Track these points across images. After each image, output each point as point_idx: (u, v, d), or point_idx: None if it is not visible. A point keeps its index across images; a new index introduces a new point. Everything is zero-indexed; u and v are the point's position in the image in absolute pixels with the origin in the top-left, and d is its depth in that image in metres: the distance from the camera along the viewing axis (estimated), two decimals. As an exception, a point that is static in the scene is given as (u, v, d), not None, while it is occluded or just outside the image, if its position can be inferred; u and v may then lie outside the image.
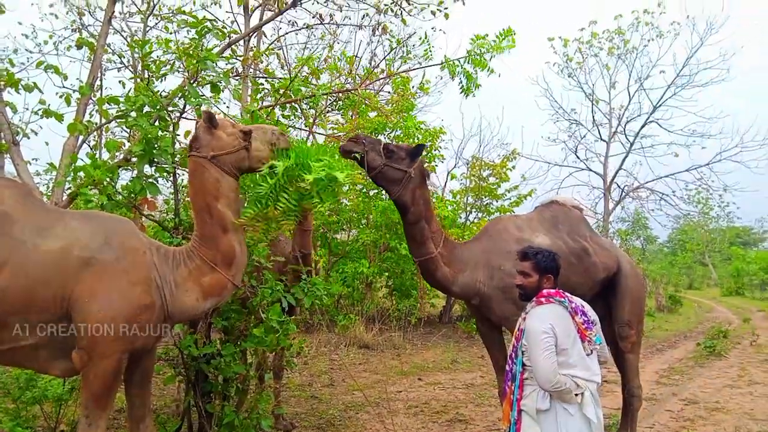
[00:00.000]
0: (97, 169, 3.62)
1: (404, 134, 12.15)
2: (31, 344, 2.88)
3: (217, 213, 3.20)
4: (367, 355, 9.53)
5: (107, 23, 6.35)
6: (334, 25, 9.77)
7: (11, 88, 6.93)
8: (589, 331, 2.68)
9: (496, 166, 13.49)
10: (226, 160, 3.20)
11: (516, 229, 4.36)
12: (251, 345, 4.09)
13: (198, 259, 3.21)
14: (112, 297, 2.88)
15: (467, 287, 4.20)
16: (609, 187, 18.14)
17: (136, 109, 3.70)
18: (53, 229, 2.91)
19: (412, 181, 3.99)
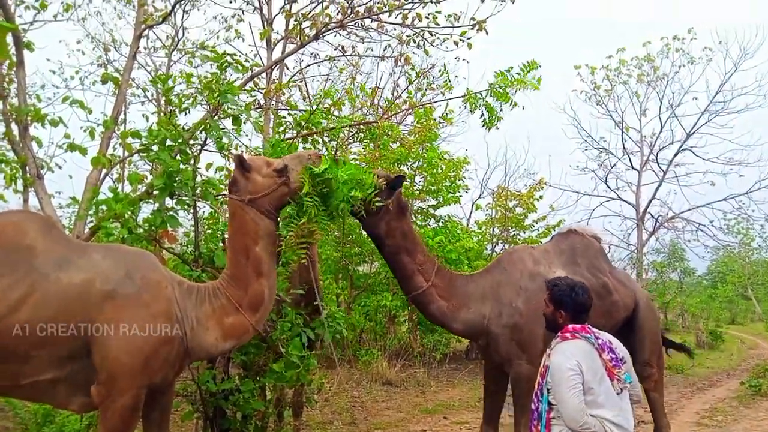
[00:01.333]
0: (119, 203, 3.73)
1: (427, 164, 12.23)
2: (50, 379, 2.94)
3: (253, 255, 3.26)
4: (390, 392, 9.42)
5: (132, 58, 6.63)
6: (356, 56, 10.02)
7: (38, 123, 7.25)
8: (617, 369, 2.62)
9: (522, 196, 13.45)
10: (264, 202, 3.29)
11: (532, 261, 4.20)
12: (270, 381, 4.10)
13: (224, 298, 3.26)
14: (132, 331, 2.94)
15: (472, 324, 4.00)
16: (642, 218, 17.88)
17: (158, 142, 3.83)
18: (76, 262, 3.00)
19: (387, 214, 3.88)
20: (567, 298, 2.78)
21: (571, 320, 2.76)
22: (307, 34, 7.14)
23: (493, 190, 13.99)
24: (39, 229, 3.05)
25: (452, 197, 12.24)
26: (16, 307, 2.80)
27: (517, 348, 3.91)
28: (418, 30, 7.12)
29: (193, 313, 3.16)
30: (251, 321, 3.23)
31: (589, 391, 2.57)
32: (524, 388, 3.93)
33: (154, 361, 2.98)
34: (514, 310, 3.94)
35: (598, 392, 2.58)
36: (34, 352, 2.84)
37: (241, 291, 3.24)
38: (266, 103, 8.26)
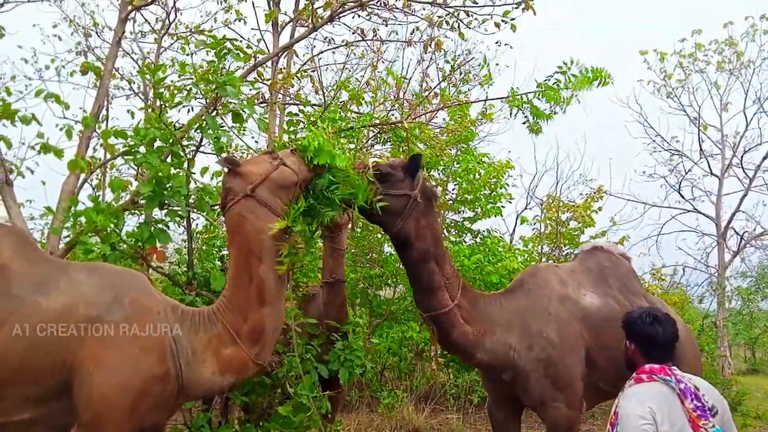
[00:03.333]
0: (100, 214, 3.78)
1: (462, 169, 12.21)
2: (26, 419, 2.98)
3: (257, 278, 3.28)
4: (418, 443, 9.36)
5: (116, 45, 6.75)
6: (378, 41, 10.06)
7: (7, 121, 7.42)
8: (704, 420, 2.55)
9: (577, 208, 13.35)
10: (268, 186, 3.31)
11: (559, 283, 4.15)
12: (276, 427, 4.09)
13: (220, 326, 3.28)
14: (119, 365, 2.97)
15: (497, 355, 3.92)
16: (724, 234, 17.56)
17: (145, 143, 3.87)
18: (55, 283, 3.04)
19: (416, 208, 3.76)
20: (633, 326, 2.74)
21: (642, 356, 2.72)
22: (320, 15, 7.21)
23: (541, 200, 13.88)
24: (11, 245, 3.11)
25: (492, 208, 12.17)
26: None
27: (552, 388, 3.85)
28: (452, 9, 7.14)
29: (188, 344, 3.18)
30: (249, 354, 3.23)
31: (663, 444, 2.51)
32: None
33: (145, 401, 3.00)
34: (546, 341, 3.89)
35: (676, 447, 2.52)
36: (6, 389, 2.88)
37: (240, 318, 3.25)
38: (272, 97, 8.34)
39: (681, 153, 18.13)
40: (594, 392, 4.01)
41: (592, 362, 3.97)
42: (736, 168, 17.78)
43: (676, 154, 18.17)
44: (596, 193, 13.71)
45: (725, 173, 17.74)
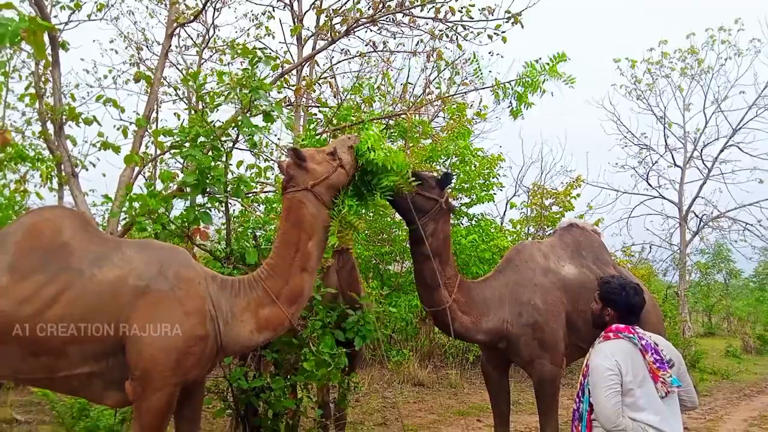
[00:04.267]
0: (153, 199, 3.81)
1: (459, 161, 12.15)
2: (85, 373, 3.02)
3: (304, 250, 3.30)
4: (422, 393, 9.41)
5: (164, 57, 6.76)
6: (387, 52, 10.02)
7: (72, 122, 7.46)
8: (662, 371, 2.56)
9: (559, 194, 13.27)
10: (326, 185, 3.34)
11: (542, 257, 4.16)
12: (301, 379, 4.13)
13: (261, 290, 3.29)
14: (166, 328, 2.99)
15: (494, 332, 3.95)
16: (685, 217, 17.42)
17: (189, 139, 3.89)
18: (110, 258, 3.07)
19: (440, 213, 3.86)
20: (616, 296, 2.73)
21: (618, 319, 2.72)
22: (337, 30, 7.18)
23: (528, 188, 13.81)
24: (74, 226, 3.14)
25: (486, 195, 12.13)
26: (51, 303, 2.88)
27: (538, 348, 3.87)
28: (451, 24, 7.10)
29: (227, 307, 3.20)
30: (287, 313, 3.25)
31: (628, 393, 2.52)
32: (549, 390, 3.90)
33: (188, 359, 3.02)
34: (533, 308, 3.91)
35: (639, 395, 2.52)
36: (68, 347, 2.92)
37: (281, 282, 3.27)
38: (297, 100, 8.32)
39: (649, 147, 17.97)
40: (573, 350, 4.03)
41: (571, 324, 3.97)
42: (697, 160, 17.61)
43: (644, 148, 18.00)
44: (575, 181, 13.59)
45: (687, 164, 17.55)
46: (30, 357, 2.91)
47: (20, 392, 7.46)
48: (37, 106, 7.93)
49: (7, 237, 3.05)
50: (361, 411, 7.96)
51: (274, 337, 3.42)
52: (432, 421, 7.67)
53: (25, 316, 2.84)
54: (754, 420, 8.07)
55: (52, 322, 2.86)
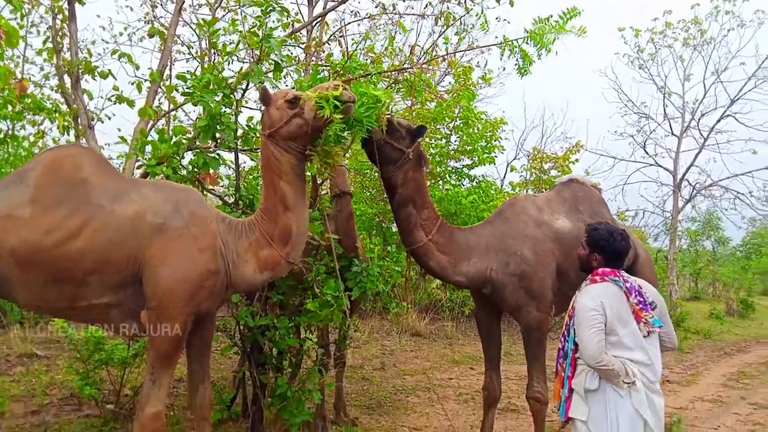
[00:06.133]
0: (164, 143, 3.80)
1: (463, 124, 12.05)
2: (104, 303, 3.07)
3: (279, 190, 3.28)
4: (419, 343, 9.57)
5: (177, 13, 6.65)
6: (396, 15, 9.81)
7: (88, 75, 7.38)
8: (644, 312, 2.59)
9: (558, 159, 13.20)
10: (281, 135, 3.24)
11: (535, 210, 4.12)
12: (305, 320, 4.17)
13: (258, 232, 3.31)
14: (181, 262, 3.02)
15: (475, 276, 3.94)
16: (679, 185, 17.32)
17: (201, 86, 3.84)
18: (128, 195, 3.09)
19: (407, 163, 3.82)
20: (604, 242, 2.73)
21: (605, 264, 2.73)
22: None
23: (528, 152, 13.71)
24: (92, 163, 3.14)
25: (487, 157, 12.06)
26: (74, 234, 2.91)
27: (526, 296, 3.87)
28: (460, -15, 6.92)
29: (233, 247, 3.24)
30: (281, 253, 3.27)
31: (612, 332, 2.55)
32: (535, 336, 3.92)
33: (201, 291, 3.07)
34: (521, 258, 3.89)
35: (623, 334, 2.56)
36: (89, 277, 2.96)
37: (272, 224, 3.27)
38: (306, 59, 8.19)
39: (647, 116, 17.75)
40: (564, 299, 4.04)
41: (562, 275, 3.98)
42: (693, 129, 17.42)
43: (643, 116, 17.80)
44: (575, 147, 13.50)
45: (684, 134, 17.37)
46: (53, 286, 2.95)
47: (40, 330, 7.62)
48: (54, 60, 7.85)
49: (28, 172, 3.06)
50: (360, 356, 8.11)
51: (275, 276, 3.44)
52: (427, 367, 7.82)
53: (48, 246, 2.87)
54: (732, 375, 8.20)
55: (74, 252, 2.89)
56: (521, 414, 5.78)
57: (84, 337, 4.57)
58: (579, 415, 2.59)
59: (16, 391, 5.25)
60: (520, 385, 6.96)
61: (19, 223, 2.90)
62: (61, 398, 5.17)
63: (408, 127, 3.86)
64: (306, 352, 4.54)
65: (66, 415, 4.76)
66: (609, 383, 2.54)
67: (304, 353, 4.52)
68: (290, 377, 4.41)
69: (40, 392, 5.20)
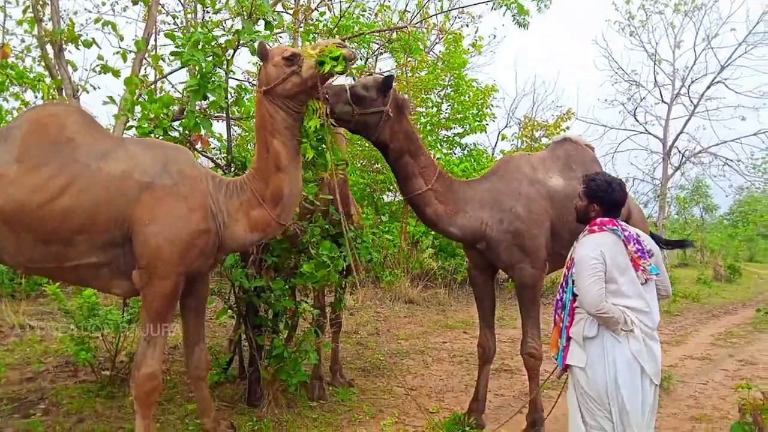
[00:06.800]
0: (153, 104, 3.71)
1: (454, 91, 11.95)
2: (94, 263, 3.02)
3: (272, 149, 3.21)
4: (412, 309, 9.63)
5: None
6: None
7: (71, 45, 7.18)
8: (642, 260, 2.59)
9: (549, 127, 13.18)
10: (277, 93, 3.17)
11: (530, 168, 4.10)
12: (301, 282, 4.16)
13: (249, 192, 3.26)
14: (171, 221, 2.98)
15: (469, 229, 3.91)
16: (669, 152, 17.37)
17: (191, 44, 3.74)
18: (115, 153, 3.02)
19: (389, 120, 3.72)
20: (602, 193, 2.72)
21: (603, 214, 2.72)
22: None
23: (519, 120, 13.65)
24: (78, 122, 3.07)
25: (478, 125, 12.00)
26: (60, 193, 2.85)
27: (520, 253, 3.87)
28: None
29: (224, 207, 3.19)
30: (272, 214, 3.22)
31: (611, 281, 2.56)
32: (529, 293, 3.93)
33: (192, 250, 3.03)
34: (515, 216, 3.88)
35: (622, 282, 2.57)
36: (76, 236, 2.91)
37: (263, 184, 3.22)
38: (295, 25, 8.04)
39: (638, 83, 17.69)
40: (556, 258, 4.05)
41: (555, 233, 3.98)
42: (683, 96, 17.39)
43: (633, 84, 17.73)
44: (565, 114, 13.47)
45: (674, 101, 17.35)
46: (41, 245, 2.91)
47: (32, 301, 7.58)
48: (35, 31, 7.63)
49: (12, 130, 2.98)
50: (355, 323, 8.15)
51: (265, 237, 3.40)
52: (421, 332, 7.88)
53: (35, 204, 2.82)
54: (720, 335, 8.35)
55: (61, 211, 2.84)
56: (515, 374, 5.85)
57: (78, 303, 4.54)
58: (577, 362, 2.61)
59: (10, 360, 5.23)
60: (513, 347, 7.03)
61: (5, 182, 2.84)
62: (56, 365, 5.16)
63: (375, 86, 3.72)
64: (302, 314, 4.53)
65: (62, 381, 4.75)
66: (607, 330, 2.56)
67: (299, 315, 4.51)
68: (286, 339, 4.43)
69: (35, 360, 5.18)
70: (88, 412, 4.08)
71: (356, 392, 4.97)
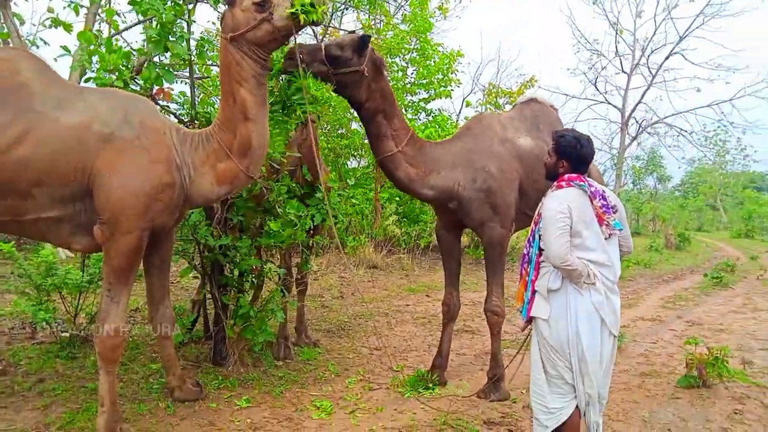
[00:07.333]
0: (113, 54, 3.56)
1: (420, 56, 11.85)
2: (54, 217, 2.92)
3: (239, 98, 3.12)
4: (376, 274, 9.72)
5: None
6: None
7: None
8: (607, 215, 2.67)
9: (513, 94, 13.24)
10: (246, 39, 3.06)
11: (500, 127, 4.16)
12: (268, 241, 4.12)
13: (216, 143, 3.18)
14: (133, 174, 2.89)
15: (442, 189, 3.96)
16: (627, 122, 17.80)
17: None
18: (73, 103, 2.89)
19: (366, 78, 3.71)
20: (571, 150, 2.76)
21: (571, 170, 2.77)
22: None
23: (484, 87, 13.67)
24: (33, 68, 2.91)
25: (444, 91, 11.97)
26: (14, 143, 2.72)
27: (490, 212, 3.94)
28: None
29: (189, 159, 3.11)
30: (240, 166, 3.16)
31: (577, 235, 2.63)
32: (496, 251, 4.01)
33: (156, 204, 2.95)
34: (488, 174, 3.94)
35: (586, 236, 2.64)
36: (34, 189, 2.80)
37: (231, 135, 3.14)
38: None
39: (599, 53, 17.95)
40: (522, 217, 4.14)
41: (522, 192, 4.05)
42: (643, 67, 17.78)
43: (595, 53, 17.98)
44: (529, 81, 13.57)
45: (633, 71, 17.71)
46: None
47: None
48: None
49: (-41, 76, 2.81)
50: (319, 287, 8.18)
51: (233, 190, 3.33)
52: (385, 296, 7.97)
53: None
54: (669, 299, 8.73)
55: (17, 162, 2.71)
56: (475, 334, 6.00)
57: (35, 262, 4.40)
58: (541, 313, 2.69)
59: (-38, 322, 5.06)
60: (474, 309, 7.21)
61: None
62: (12, 327, 5.02)
63: (351, 45, 3.69)
64: (267, 274, 4.51)
65: (19, 343, 4.63)
66: (570, 283, 2.64)
67: (265, 275, 4.49)
68: (252, 299, 4.41)
69: (-12, 322, 5.02)
70: (48, 372, 4.00)
71: (321, 352, 5.02)
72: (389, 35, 11.43)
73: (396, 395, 4.06)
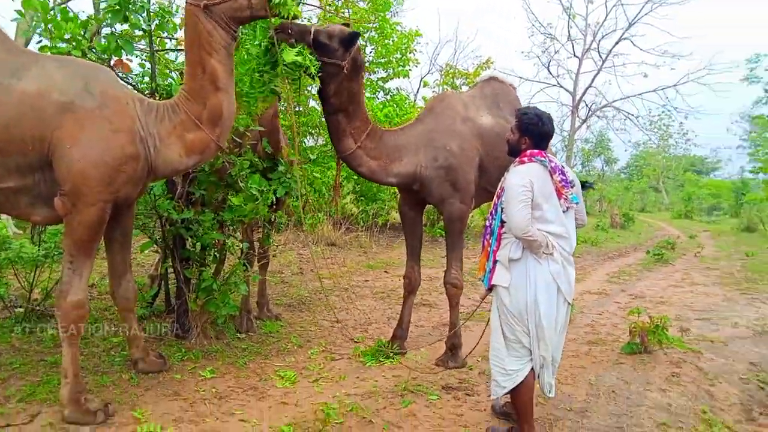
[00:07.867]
0: (70, 23, 3.45)
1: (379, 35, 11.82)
2: (11, 188, 2.85)
3: (210, 68, 3.09)
4: (335, 251, 9.78)
5: None
6: None
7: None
8: (565, 190, 2.82)
9: (469, 75, 13.40)
10: (220, 10, 3.03)
11: (462, 106, 4.25)
12: (230, 215, 4.12)
13: (183, 114, 3.13)
14: (95, 144, 2.83)
15: (407, 176, 4.06)
16: (577, 105, 18.32)
17: (108, -41, 3.48)
18: (28, 71, 2.81)
19: (341, 74, 3.70)
20: (533, 126, 2.89)
21: (533, 147, 2.90)
22: None
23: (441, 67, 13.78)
24: (-14, 35, 2.81)
25: (402, 71, 12.00)
26: None
27: (450, 188, 4.05)
28: None
29: (155, 130, 3.06)
30: (212, 135, 3.14)
31: (537, 207, 2.77)
32: (457, 227, 4.14)
33: (119, 176, 2.90)
34: (449, 152, 4.04)
35: (546, 209, 2.78)
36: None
37: (200, 105, 3.11)
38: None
39: (553, 37, 18.32)
40: (482, 193, 4.28)
41: (483, 169, 4.18)
42: (593, 51, 18.29)
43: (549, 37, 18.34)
44: (485, 63, 13.76)
45: (584, 55, 18.19)
46: None
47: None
48: None
49: None
50: (279, 263, 8.19)
51: (203, 161, 3.31)
52: (344, 272, 8.05)
53: None
54: (614, 274, 9.17)
55: None
56: (433, 308, 6.18)
57: (-14, 236, 4.27)
58: (502, 282, 2.84)
59: None
60: (431, 284, 7.38)
61: None
62: (-39, 304, 4.85)
63: (340, 36, 3.66)
64: (229, 249, 4.51)
65: (-30, 319, 4.49)
66: (530, 254, 2.79)
67: (228, 249, 4.49)
68: (214, 272, 4.41)
69: (-65, 299, 4.84)
70: (4, 346, 3.92)
71: (283, 325, 5.07)
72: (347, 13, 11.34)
73: (358, 364, 4.17)
